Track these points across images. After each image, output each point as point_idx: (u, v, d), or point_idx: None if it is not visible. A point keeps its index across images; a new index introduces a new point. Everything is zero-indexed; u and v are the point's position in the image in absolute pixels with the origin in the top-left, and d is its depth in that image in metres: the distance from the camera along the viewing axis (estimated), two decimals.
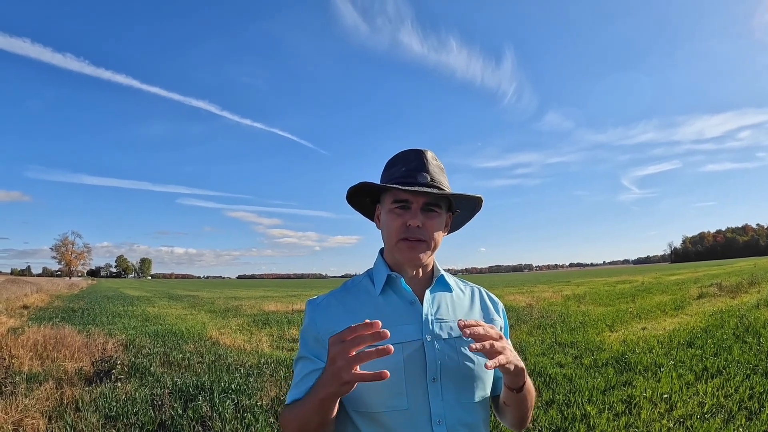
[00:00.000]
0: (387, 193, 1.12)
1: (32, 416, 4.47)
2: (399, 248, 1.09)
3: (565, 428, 4.17)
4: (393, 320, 1.06)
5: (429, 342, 1.05)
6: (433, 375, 1.03)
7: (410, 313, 1.09)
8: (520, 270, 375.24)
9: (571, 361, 6.75)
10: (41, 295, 25.15)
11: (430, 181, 1.09)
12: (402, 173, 1.10)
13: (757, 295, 13.78)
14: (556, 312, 13.05)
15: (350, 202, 1.19)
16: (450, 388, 1.03)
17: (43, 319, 13.41)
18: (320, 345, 1.06)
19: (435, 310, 1.11)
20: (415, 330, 1.06)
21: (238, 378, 6.11)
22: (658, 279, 28.74)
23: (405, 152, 1.14)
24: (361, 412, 1.03)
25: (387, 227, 1.12)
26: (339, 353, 0.84)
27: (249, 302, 23.04)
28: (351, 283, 1.19)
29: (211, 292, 38.74)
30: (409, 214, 1.08)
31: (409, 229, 1.07)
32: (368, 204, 1.21)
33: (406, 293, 1.11)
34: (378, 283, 1.13)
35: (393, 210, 1.09)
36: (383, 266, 1.14)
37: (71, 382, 5.83)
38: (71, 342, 7.77)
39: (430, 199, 1.08)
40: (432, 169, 1.11)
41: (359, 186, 1.11)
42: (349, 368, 0.82)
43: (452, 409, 1.02)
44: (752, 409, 4.33)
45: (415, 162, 1.11)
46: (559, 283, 34.69)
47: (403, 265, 1.12)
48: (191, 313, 17.61)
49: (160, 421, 4.55)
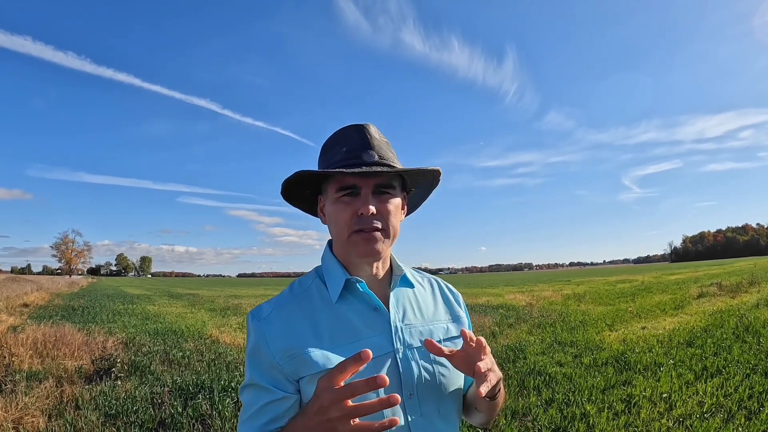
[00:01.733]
0: (329, 180, 0.95)
1: (32, 414, 4.47)
2: (353, 242, 0.92)
3: (565, 427, 4.17)
4: (359, 332, 0.93)
5: (402, 354, 0.94)
6: (409, 390, 0.92)
7: (376, 321, 0.95)
8: (521, 269, 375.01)
9: (571, 360, 6.75)
10: (41, 293, 25.13)
11: (378, 159, 0.92)
12: (343, 155, 0.93)
13: (757, 294, 13.76)
14: (556, 311, 13.05)
15: (287, 198, 1.02)
16: (428, 402, 0.94)
17: (43, 317, 13.42)
18: (276, 370, 0.91)
19: (402, 315, 0.98)
20: (385, 341, 0.93)
21: (237, 376, 6.10)
22: (658, 278, 28.72)
23: (344, 129, 0.96)
24: None
25: (335, 220, 0.94)
26: (332, 403, 0.72)
27: (249, 301, 23.03)
28: (299, 286, 1.00)
29: (212, 291, 38.71)
30: (359, 201, 0.91)
31: (362, 219, 0.91)
32: (309, 197, 1.03)
33: (368, 298, 0.96)
34: (334, 288, 0.96)
35: (339, 199, 0.92)
36: (337, 266, 0.98)
37: (71, 381, 5.84)
38: (71, 340, 7.79)
39: (382, 179, 0.92)
40: (377, 144, 0.94)
41: (295, 177, 0.92)
42: (346, 421, 0.72)
43: (432, 423, 0.94)
44: (752, 409, 4.33)
45: (358, 140, 0.94)
46: (559, 282, 34.70)
47: (360, 262, 0.97)
48: (191, 312, 17.60)
49: (159, 419, 4.56)
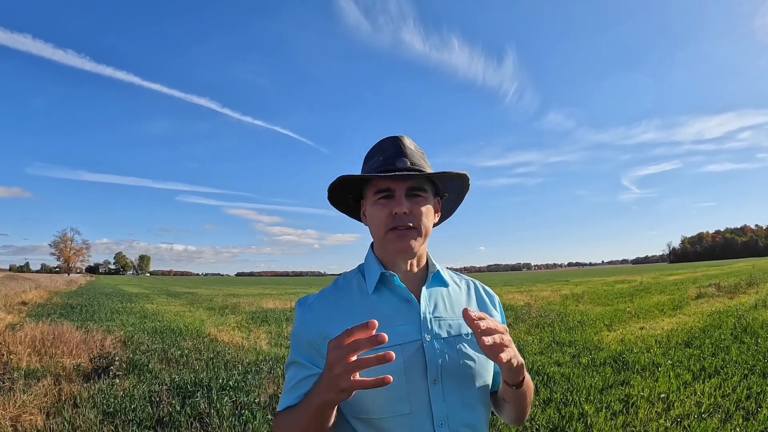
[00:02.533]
0: (368, 185, 1.07)
1: (30, 412, 4.47)
2: (388, 239, 1.03)
3: (563, 427, 4.18)
4: (390, 320, 1.01)
5: (429, 342, 1.00)
6: (434, 376, 0.99)
7: (407, 312, 1.04)
8: (519, 269, 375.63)
9: (569, 360, 6.76)
10: (39, 291, 25.10)
11: (410, 165, 1.03)
12: (380, 163, 1.05)
13: (755, 295, 13.79)
14: (554, 311, 13.06)
15: (333, 203, 1.14)
16: (452, 389, 0.99)
17: (42, 315, 13.41)
18: (314, 349, 1.01)
19: (432, 308, 1.06)
20: (414, 330, 1.01)
21: (236, 375, 6.11)
22: (656, 279, 28.75)
23: (381, 141, 1.10)
24: (361, 418, 0.99)
25: (373, 220, 1.06)
26: (337, 359, 0.79)
27: (247, 299, 23.03)
28: (342, 280, 1.13)
29: (210, 289, 38.71)
30: (393, 202, 1.02)
31: (396, 218, 1.02)
32: (352, 202, 1.16)
33: (401, 291, 1.05)
34: (371, 281, 1.07)
35: (377, 201, 1.04)
36: (375, 263, 1.09)
37: (69, 379, 5.83)
38: (69, 338, 7.77)
39: (413, 182, 1.04)
40: (411, 153, 1.06)
41: (338, 182, 1.05)
42: (347, 375, 0.78)
43: (455, 411, 0.99)
44: (749, 409, 4.34)
45: (393, 149, 1.06)
46: (557, 282, 34.73)
47: (396, 259, 1.07)
48: (189, 310, 17.59)
49: (158, 417, 4.56)
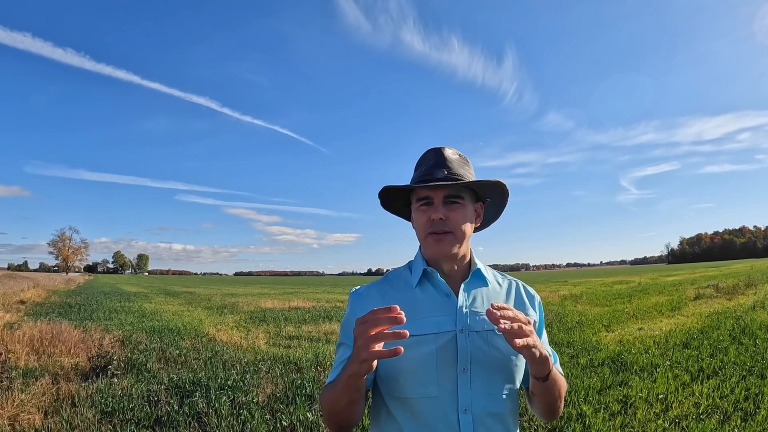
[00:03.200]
0: (412, 193, 1.19)
1: (28, 411, 4.46)
2: (428, 243, 1.15)
3: (561, 427, 4.18)
4: (428, 311, 1.12)
5: (462, 333, 1.09)
6: (463, 365, 1.07)
7: (445, 305, 1.14)
8: (518, 269, 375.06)
9: (568, 361, 6.76)
10: (38, 290, 25.09)
11: (448, 175, 1.13)
12: (422, 173, 1.16)
13: (753, 296, 13.83)
14: (552, 312, 13.06)
15: (386, 207, 1.28)
16: (479, 379, 1.08)
17: (40, 314, 13.40)
18: None
19: (470, 303, 1.15)
20: (449, 321, 1.11)
21: (234, 375, 6.11)
22: (654, 280, 28.82)
23: (426, 152, 1.21)
24: (395, 397, 1.09)
25: (416, 224, 1.19)
26: (360, 333, 0.89)
27: (246, 299, 23.02)
28: (392, 274, 1.26)
29: (208, 289, 38.67)
30: (432, 209, 1.13)
31: (434, 223, 1.13)
32: (402, 207, 1.28)
33: (441, 286, 1.16)
34: (415, 276, 1.18)
35: (418, 208, 1.16)
36: (421, 260, 1.20)
37: (67, 378, 5.83)
38: (68, 337, 7.77)
39: (449, 191, 1.13)
40: (450, 163, 1.16)
41: (382, 192, 1.20)
42: (367, 347, 0.87)
43: (479, 399, 1.07)
44: (748, 410, 4.34)
45: (434, 159, 1.17)
46: (556, 282, 34.79)
47: (439, 259, 1.17)
48: (188, 310, 17.58)
49: (156, 416, 4.55)
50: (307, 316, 14.04)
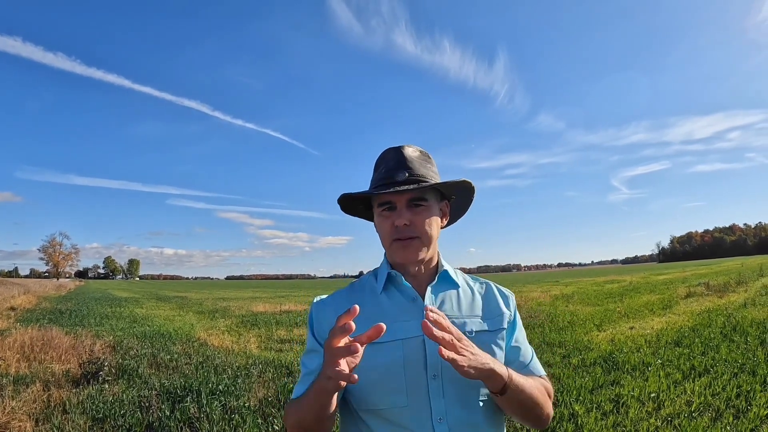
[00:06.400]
0: (373, 197, 1.12)
1: (19, 419, 4.41)
2: (393, 249, 1.09)
3: (553, 428, 4.19)
4: (394, 316, 1.06)
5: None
6: (433, 371, 1.01)
7: (411, 309, 1.08)
8: (509, 270, 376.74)
9: (559, 361, 6.79)
10: (28, 296, 24.82)
11: (409, 177, 1.07)
12: (383, 175, 1.09)
13: (744, 294, 13.95)
14: (544, 312, 13.10)
15: (346, 211, 1.22)
16: (451, 385, 1.01)
17: (31, 320, 13.23)
18: (323, 339, 1.06)
19: (438, 306, 1.10)
20: (416, 326, 1.03)
21: (226, 379, 6.06)
22: (646, 279, 28.99)
23: (385, 152, 1.14)
24: (366, 410, 1.04)
25: (379, 230, 1.12)
26: (326, 346, 0.85)
27: (237, 303, 22.91)
28: (358, 282, 1.21)
29: (200, 293, 38.43)
30: (395, 214, 1.07)
31: (399, 229, 1.06)
32: (363, 209, 1.22)
33: (407, 290, 1.11)
34: (380, 281, 1.13)
35: (381, 213, 1.10)
36: (386, 264, 1.15)
37: (59, 384, 5.76)
38: (59, 344, 7.68)
39: (413, 194, 1.07)
40: (411, 163, 1.09)
41: (342, 198, 1.14)
42: (332, 363, 0.83)
43: (454, 408, 1.01)
44: (739, 408, 4.38)
45: (394, 160, 1.10)
46: (547, 283, 34.83)
47: (404, 264, 1.12)
48: (179, 314, 17.45)
49: (147, 422, 4.51)
50: (298, 319, 13.99)
